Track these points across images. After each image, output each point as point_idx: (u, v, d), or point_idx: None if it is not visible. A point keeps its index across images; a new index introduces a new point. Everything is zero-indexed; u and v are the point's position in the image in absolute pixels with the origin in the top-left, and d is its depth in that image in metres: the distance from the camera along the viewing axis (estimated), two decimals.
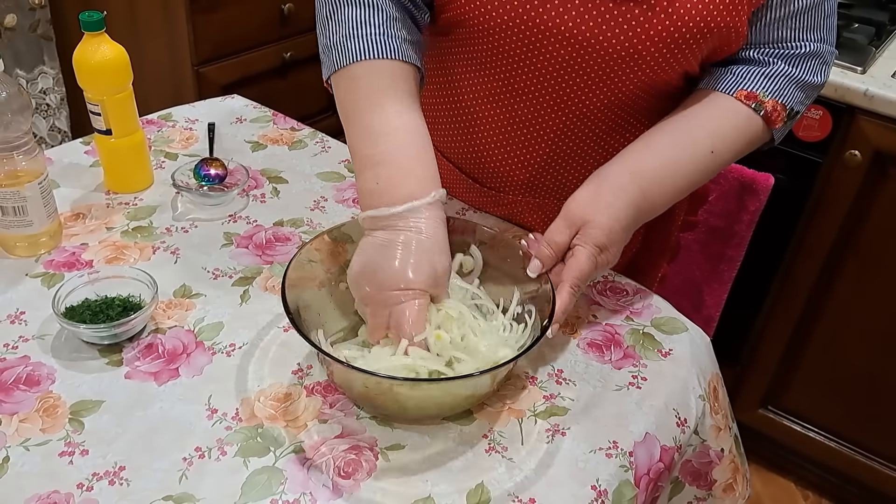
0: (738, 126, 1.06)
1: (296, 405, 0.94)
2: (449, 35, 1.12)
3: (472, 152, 1.22)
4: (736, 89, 1.06)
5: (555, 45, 1.04)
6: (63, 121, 2.62)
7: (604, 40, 1.01)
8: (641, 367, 1.04)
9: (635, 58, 1.02)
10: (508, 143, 1.18)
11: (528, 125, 1.14)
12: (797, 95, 1.08)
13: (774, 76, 1.06)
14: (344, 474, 0.87)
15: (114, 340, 1.00)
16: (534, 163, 1.18)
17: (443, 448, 0.91)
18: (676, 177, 1.05)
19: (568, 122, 1.13)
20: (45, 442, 0.88)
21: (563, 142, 1.15)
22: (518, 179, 1.21)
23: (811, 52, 1.07)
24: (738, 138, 1.07)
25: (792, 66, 1.07)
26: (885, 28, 1.91)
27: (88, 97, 1.21)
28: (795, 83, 1.07)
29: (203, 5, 2.22)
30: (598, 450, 0.92)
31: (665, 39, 1.00)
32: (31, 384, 0.95)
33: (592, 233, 0.97)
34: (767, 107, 1.06)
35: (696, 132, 1.06)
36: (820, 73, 1.10)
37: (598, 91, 1.08)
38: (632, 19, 0.99)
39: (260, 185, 1.33)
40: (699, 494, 1.07)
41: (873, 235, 1.82)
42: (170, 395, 0.95)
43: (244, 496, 0.84)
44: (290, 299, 0.90)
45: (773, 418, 2.18)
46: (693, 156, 1.05)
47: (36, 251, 1.14)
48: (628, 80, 1.05)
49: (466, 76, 1.15)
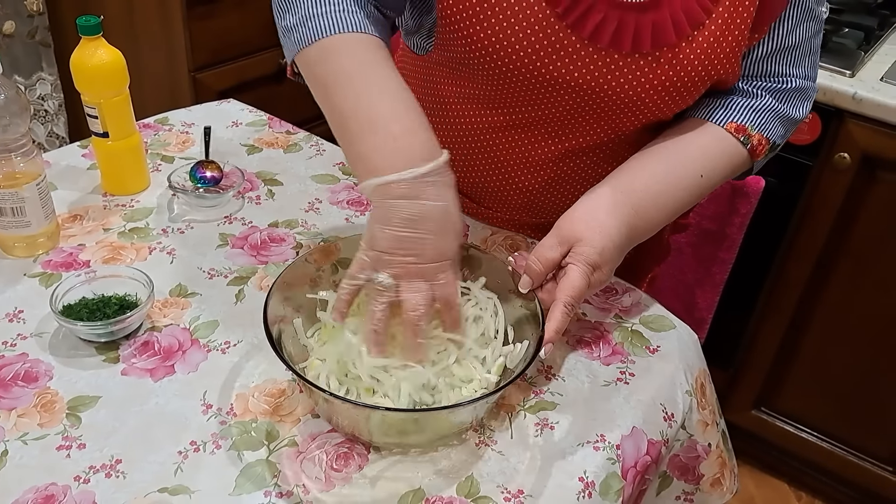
0: (726, 155, 1.10)
1: (289, 400, 0.96)
2: (449, 68, 1.12)
3: (467, 175, 1.23)
4: (726, 121, 1.10)
5: (560, 93, 1.05)
6: (61, 126, 2.64)
7: (608, 89, 1.03)
8: (629, 363, 1.06)
9: (638, 104, 1.05)
10: (506, 170, 1.19)
11: (527, 154, 1.16)
12: (779, 130, 1.13)
13: (761, 110, 1.10)
14: (336, 467, 0.88)
15: (110, 338, 1.02)
16: (531, 188, 1.20)
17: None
18: (669, 197, 1.06)
19: (567, 152, 1.14)
20: (43, 436, 0.90)
21: (561, 169, 1.17)
22: (515, 202, 1.23)
23: (796, 88, 1.12)
24: (726, 166, 1.11)
25: (778, 101, 1.11)
26: (874, 33, 1.93)
27: (86, 100, 1.23)
28: (780, 118, 1.12)
29: (200, 12, 2.23)
30: (586, 443, 0.94)
31: (668, 88, 1.03)
32: (30, 380, 0.96)
33: (585, 251, 0.96)
34: (754, 140, 1.10)
35: (688, 158, 1.08)
36: (802, 109, 1.15)
37: (599, 129, 1.10)
38: (636, 70, 1.01)
39: (255, 187, 1.35)
40: (687, 489, 1.09)
41: (863, 237, 1.84)
42: (166, 390, 0.96)
43: (238, 488, 0.85)
44: (272, 319, 0.91)
45: (767, 420, 2.19)
46: (685, 179, 1.07)
47: (34, 251, 1.16)
48: (628, 120, 1.08)
49: (465, 108, 1.15)
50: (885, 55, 1.87)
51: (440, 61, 1.13)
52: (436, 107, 1.19)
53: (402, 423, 0.90)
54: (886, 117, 1.68)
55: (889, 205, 1.77)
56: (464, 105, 1.15)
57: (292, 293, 0.97)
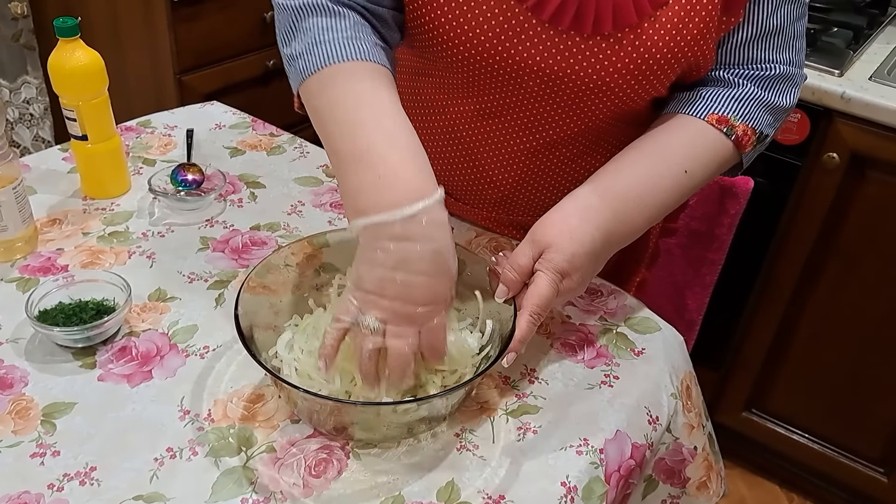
0: (710, 149, 1.05)
1: (268, 406, 0.95)
2: (421, 59, 1.13)
3: (443, 171, 1.22)
4: (707, 113, 1.05)
5: (525, 79, 1.04)
6: (47, 130, 2.63)
7: (572, 73, 1.02)
8: (614, 365, 1.05)
9: (604, 89, 1.03)
10: (480, 164, 1.18)
11: (500, 147, 1.15)
12: (766, 119, 1.08)
13: (744, 99, 1.06)
14: (315, 473, 0.87)
15: (87, 343, 1.00)
16: (506, 183, 1.19)
17: (414, 447, 0.91)
18: (651, 198, 1.02)
19: (539, 146, 1.13)
20: (17, 443, 0.88)
21: (535, 163, 1.16)
22: (491, 197, 1.22)
23: (781, 75, 1.08)
24: (711, 161, 1.06)
25: (761, 89, 1.07)
26: (863, 32, 1.93)
27: (64, 103, 1.22)
28: (765, 107, 1.07)
29: (185, 14, 2.22)
30: (569, 447, 0.93)
31: (633, 71, 1.00)
32: (4, 387, 0.95)
33: (554, 258, 0.93)
34: (738, 131, 1.05)
35: (669, 155, 1.04)
36: (789, 96, 1.09)
37: (568, 118, 1.09)
38: (599, 53, 1.00)
39: (237, 189, 1.34)
40: (673, 492, 1.08)
41: (853, 236, 1.83)
42: (142, 396, 0.95)
43: (214, 495, 0.84)
44: (243, 316, 0.91)
45: (757, 421, 2.19)
46: (667, 178, 1.03)
47: (11, 256, 1.14)
48: (597, 108, 1.06)
49: (437, 100, 1.16)
50: (874, 54, 1.87)
51: (415, 53, 1.13)
52: (414, 99, 1.19)
53: (368, 416, 0.89)
54: (875, 117, 1.67)
55: (878, 204, 1.77)
56: (438, 94, 1.15)
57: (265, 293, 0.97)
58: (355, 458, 0.89)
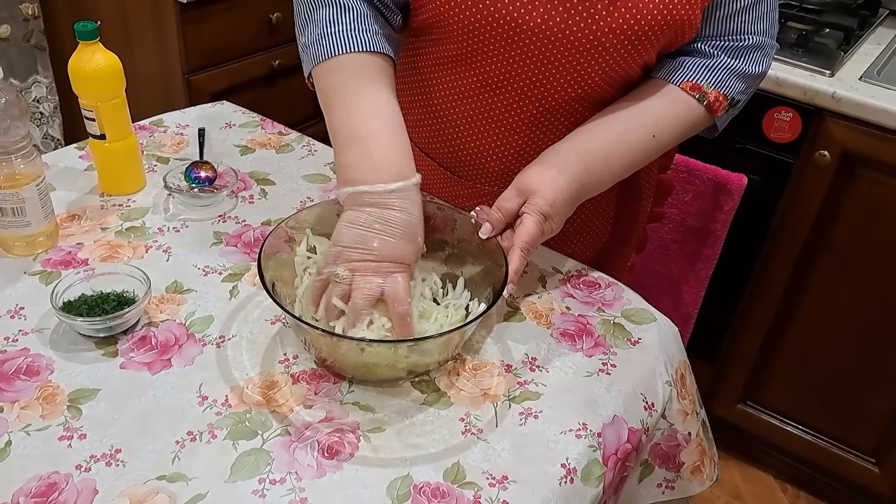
0: (681, 114, 1.17)
1: (282, 392, 0.99)
2: (421, 36, 1.20)
3: (446, 146, 1.29)
4: (682, 80, 1.16)
5: (524, 41, 1.11)
6: (56, 129, 2.67)
7: (570, 34, 1.09)
8: (611, 354, 1.10)
9: (600, 50, 1.10)
10: (482, 136, 1.24)
11: (501, 118, 1.21)
12: (737, 86, 1.18)
13: (717, 68, 1.16)
14: (327, 455, 0.92)
15: (109, 333, 1.05)
16: (507, 154, 1.25)
17: (421, 430, 0.96)
18: (619, 160, 1.16)
19: (539, 114, 1.19)
20: (45, 427, 0.93)
21: (535, 133, 1.22)
22: (493, 170, 1.28)
23: (754, 45, 1.17)
24: (681, 125, 1.18)
25: (734, 59, 1.17)
26: (854, 33, 1.97)
27: (83, 103, 1.26)
28: (736, 75, 1.17)
29: (193, 15, 2.26)
30: (568, 431, 0.98)
31: (626, 32, 1.08)
32: (31, 374, 1.00)
33: (538, 202, 1.07)
34: (710, 97, 1.16)
35: (641, 118, 1.16)
36: (760, 64, 1.19)
37: (566, 84, 1.15)
38: (595, 13, 1.07)
39: (248, 186, 1.39)
40: (668, 476, 1.13)
41: (844, 232, 1.88)
42: (163, 383, 1.00)
43: (233, 475, 0.89)
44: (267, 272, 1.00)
45: (752, 413, 2.23)
46: (636, 139, 1.16)
47: (34, 250, 1.19)
48: (594, 72, 1.13)
49: (439, 75, 1.22)
50: (865, 55, 1.91)
51: (415, 31, 1.20)
52: (417, 78, 1.26)
53: (377, 355, 0.98)
54: (865, 116, 1.72)
55: (868, 201, 1.81)
56: (439, 71, 1.22)
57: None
58: (366, 441, 0.94)
